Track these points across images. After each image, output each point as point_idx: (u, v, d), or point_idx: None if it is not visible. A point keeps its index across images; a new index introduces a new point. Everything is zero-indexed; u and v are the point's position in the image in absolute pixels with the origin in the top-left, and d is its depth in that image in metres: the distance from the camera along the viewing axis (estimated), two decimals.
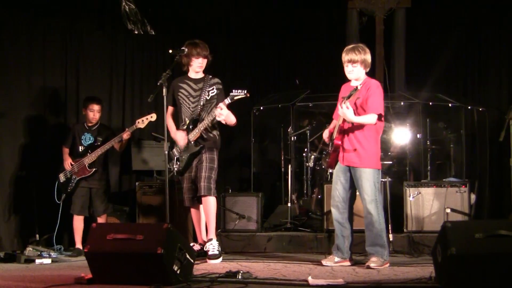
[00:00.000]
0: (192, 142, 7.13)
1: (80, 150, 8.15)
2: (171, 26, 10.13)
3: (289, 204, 8.82)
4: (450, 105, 9.42)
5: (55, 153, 8.47)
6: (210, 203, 7.13)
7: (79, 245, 8.01)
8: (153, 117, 7.90)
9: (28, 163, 8.73)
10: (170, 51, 7.02)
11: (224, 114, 6.91)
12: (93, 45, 9.50)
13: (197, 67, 7.26)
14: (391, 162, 8.84)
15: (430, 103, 9.37)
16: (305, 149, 9.39)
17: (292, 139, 9.53)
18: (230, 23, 10.76)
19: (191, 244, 7.24)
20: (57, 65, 9.15)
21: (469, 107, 9.60)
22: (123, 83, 9.79)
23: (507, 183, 7.76)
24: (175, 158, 7.25)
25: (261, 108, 9.78)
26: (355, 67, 6.49)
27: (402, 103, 9.54)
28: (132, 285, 5.08)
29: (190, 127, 7.16)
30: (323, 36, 10.85)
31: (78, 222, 8.10)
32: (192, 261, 5.40)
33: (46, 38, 9.03)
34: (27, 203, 8.61)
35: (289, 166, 9.34)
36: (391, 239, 7.30)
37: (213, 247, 7.06)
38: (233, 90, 6.85)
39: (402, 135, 9.05)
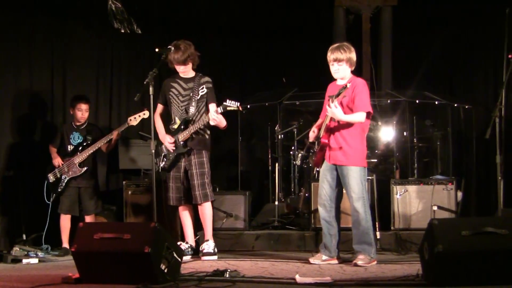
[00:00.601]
0: (181, 143, 7.13)
1: (69, 150, 8.11)
2: (158, 25, 10.11)
3: (276, 203, 8.83)
4: (436, 103, 9.45)
5: (42, 152, 8.44)
6: (207, 209, 7.26)
7: (66, 244, 7.97)
8: (145, 114, 7.81)
9: (15, 163, 8.69)
10: (157, 50, 7.00)
11: (218, 120, 6.96)
12: (79, 44, 9.46)
13: (181, 72, 7.29)
14: (378, 160, 8.86)
15: (417, 101, 9.40)
16: (293, 148, 9.40)
17: (280, 137, 9.54)
18: (218, 22, 10.74)
19: (178, 243, 7.25)
20: (44, 65, 9.10)
21: (455, 105, 9.63)
22: (110, 82, 9.76)
23: (493, 180, 7.77)
24: (163, 154, 7.25)
25: (248, 106, 9.77)
26: (341, 65, 6.51)
27: (388, 101, 9.56)
28: (120, 284, 5.06)
29: (182, 127, 7.16)
30: (310, 34, 10.84)
31: (65, 221, 8.06)
32: (179, 260, 5.40)
33: (32, 37, 8.97)
34: (14, 203, 8.57)
35: (277, 165, 9.35)
36: (378, 236, 7.32)
37: (208, 246, 7.18)
38: (227, 100, 6.88)
39: (389, 133, 9.07)
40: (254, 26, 10.78)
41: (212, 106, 7.15)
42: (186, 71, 7.27)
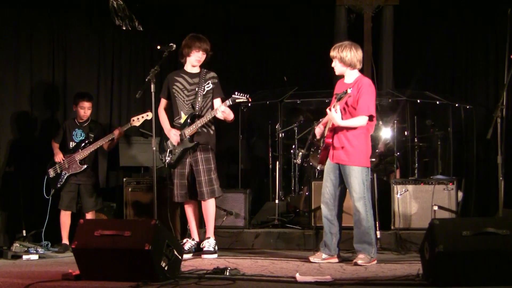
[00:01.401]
0: (188, 137, 7.08)
1: (70, 146, 8.08)
2: (159, 22, 10.10)
3: (276, 201, 8.82)
4: (437, 102, 9.46)
5: (43, 149, 8.43)
6: (211, 205, 7.21)
7: (65, 240, 7.97)
8: (149, 115, 7.77)
9: (15, 159, 8.68)
10: (159, 47, 6.98)
11: (226, 113, 6.93)
12: (80, 40, 9.44)
13: (195, 60, 7.20)
14: (378, 159, 8.85)
15: (418, 101, 9.40)
16: (293, 146, 9.40)
17: (280, 135, 9.53)
18: (219, 20, 10.73)
19: (184, 240, 7.25)
20: (44, 61, 9.09)
21: (456, 105, 9.63)
22: (111, 79, 9.74)
23: (494, 180, 7.78)
24: (168, 150, 7.20)
25: (249, 104, 9.75)
26: (335, 63, 6.56)
27: (390, 101, 9.56)
28: (120, 281, 5.06)
29: (188, 121, 7.12)
30: (311, 33, 10.85)
31: (65, 218, 8.04)
32: (180, 257, 5.40)
33: (33, 33, 8.96)
34: (14, 199, 8.57)
35: (277, 163, 9.34)
36: (378, 236, 7.32)
37: (209, 244, 7.13)
38: (236, 93, 6.85)
39: (390, 133, 9.07)
40: (254, 24, 10.77)
41: (217, 101, 7.13)
42: (200, 61, 7.21)
